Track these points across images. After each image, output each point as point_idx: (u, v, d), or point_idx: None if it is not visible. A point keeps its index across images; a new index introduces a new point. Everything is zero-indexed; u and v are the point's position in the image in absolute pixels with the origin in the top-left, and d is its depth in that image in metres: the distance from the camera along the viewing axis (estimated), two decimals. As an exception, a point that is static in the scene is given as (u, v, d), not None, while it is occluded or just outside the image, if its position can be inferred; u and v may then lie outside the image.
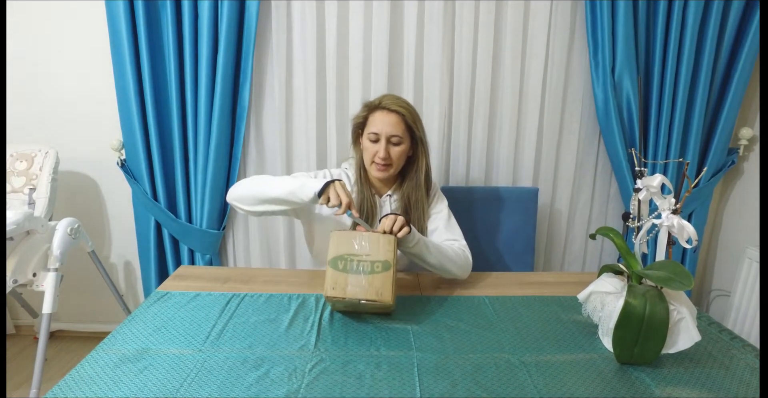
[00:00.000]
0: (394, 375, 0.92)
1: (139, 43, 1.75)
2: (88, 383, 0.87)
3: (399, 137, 1.32)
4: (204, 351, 0.99)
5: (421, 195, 1.41)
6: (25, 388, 1.88)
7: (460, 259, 1.33)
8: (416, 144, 1.38)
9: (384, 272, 1.07)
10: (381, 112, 1.33)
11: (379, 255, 1.08)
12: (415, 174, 1.41)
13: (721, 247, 2.14)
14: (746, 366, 0.97)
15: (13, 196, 1.76)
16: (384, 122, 1.31)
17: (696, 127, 1.86)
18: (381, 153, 1.31)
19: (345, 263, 1.07)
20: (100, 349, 0.98)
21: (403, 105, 1.33)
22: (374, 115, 1.34)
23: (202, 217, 1.92)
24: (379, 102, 1.34)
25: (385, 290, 1.05)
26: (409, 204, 1.40)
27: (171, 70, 1.79)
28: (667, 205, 0.99)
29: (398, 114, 1.32)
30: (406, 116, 1.32)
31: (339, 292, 1.05)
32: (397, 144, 1.34)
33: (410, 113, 1.33)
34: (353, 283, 1.06)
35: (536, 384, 0.90)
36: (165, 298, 1.23)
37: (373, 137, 1.33)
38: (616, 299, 1.00)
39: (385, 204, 1.44)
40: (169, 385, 0.87)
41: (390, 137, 1.32)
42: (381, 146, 1.32)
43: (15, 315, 2.29)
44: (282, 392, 0.86)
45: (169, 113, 1.85)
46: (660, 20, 1.75)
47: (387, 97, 1.34)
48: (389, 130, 1.31)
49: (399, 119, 1.32)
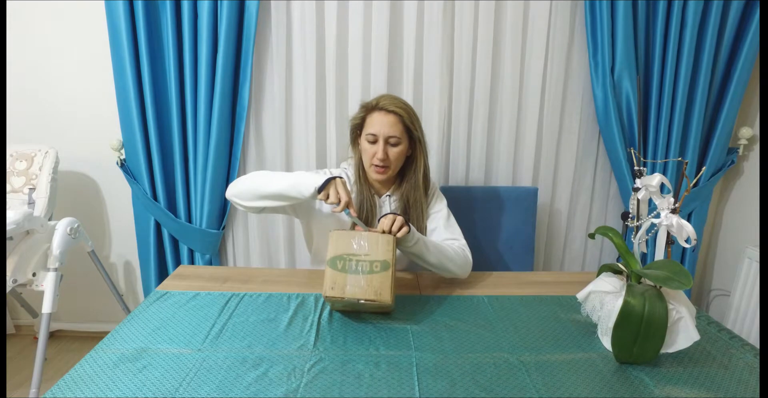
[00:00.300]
0: (392, 375, 0.92)
1: (139, 43, 1.75)
2: (87, 382, 0.88)
3: (397, 138, 1.32)
4: (203, 350, 0.99)
5: (420, 195, 1.40)
6: (25, 388, 1.89)
7: (460, 258, 1.34)
8: (415, 144, 1.38)
9: (383, 272, 1.07)
10: (378, 113, 1.32)
11: (378, 255, 1.08)
12: (413, 174, 1.40)
13: (721, 246, 2.14)
14: (745, 366, 0.97)
15: (13, 196, 1.77)
16: (381, 123, 1.31)
17: (696, 126, 1.86)
18: (379, 154, 1.31)
19: (344, 262, 1.07)
20: (99, 349, 0.99)
21: (401, 105, 1.32)
22: (372, 116, 1.33)
23: (202, 217, 1.92)
24: (376, 103, 1.33)
25: (384, 290, 1.05)
26: (408, 204, 1.40)
27: (171, 70, 1.79)
28: (666, 204, 0.99)
29: (396, 115, 1.31)
30: (403, 117, 1.31)
31: (338, 292, 1.05)
32: (395, 145, 1.33)
33: (408, 114, 1.33)
34: (352, 283, 1.06)
35: (535, 384, 0.90)
36: (164, 298, 1.23)
37: (371, 138, 1.32)
38: (615, 298, 1.00)
39: (384, 204, 1.44)
40: (168, 384, 0.88)
41: (388, 138, 1.31)
42: (379, 147, 1.31)
43: (15, 314, 2.29)
44: (281, 391, 0.86)
45: (168, 113, 1.85)
46: (659, 20, 1.75)
47: (384, 98, 1.33)
48: (387, 131, 1.30)
49: (397, 120, 1.31)
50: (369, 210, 1.39)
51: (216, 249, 2.02)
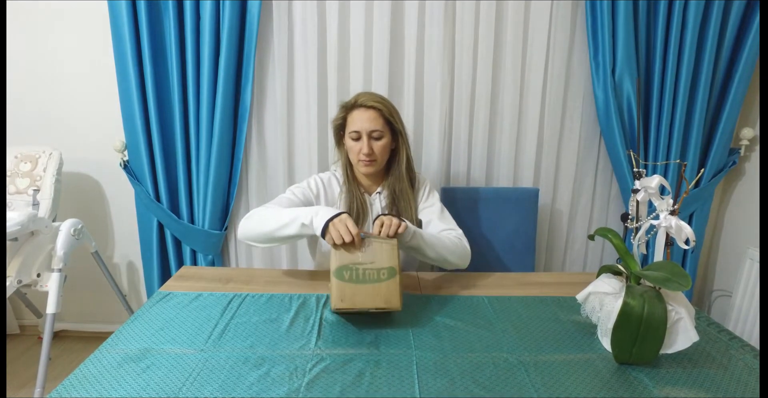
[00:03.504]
0: (393, 374, 0.93)
1: (142, 45, 1.77)
2: (92, 382, 0.88)
3: (380, 132, 1.36)
4: (206, 350, 1.00)
5: (405, 186, 1.44)
6: (29, 387, 1.90)
7: (458, 248, 1.35)
8: (397, 137, 1.42)
9: (390, 279, 1.07)
10: (358, 110, 1.37)
11: (383, 262, 1.08)
12: (397, 166, 1.44)
13: (723, 247, 2.14)
14: (744, 367, 0.97)
15: (17, 197, 1.78)
16: (362, 119, 1.35)
17: (697, 127, 1.86)
18: (364, 149, 1.35)
19: (350, 272, 1.07)
20: (103, 349, 0.99)
21: (379, 100, 1.37)
22: (352, 114, 1.38)
23: (204, 218, 1.93)
24: (355, 101, 1.38)
25: (393, 297, 1.06)
26: (395, 195, 1.44)
27: (173, 71, 1.80)
28: (665, 206, 1.00)
29: (375, 109, 1.35)
30: (383, 110, 1.36)
31: (348, 303, 1.05)
32: (378, 138, 1.37)
33: (386, 107, 1.37)
34: (361, 292, 1.05)
35: (534, 384, 0.90)
36: (167, 298, 1.24)
37: (355, 135, 1.37)
38: (614, 299, 1.00)
39: (375, 202, 1.46)
40: (171, 384, 0.88)
41: (371, 133, 1.35)
42: (363, 142, 1.35)
43: (20, 314, 2.31)
44: (283, 391, 0.87)
45: (171, 114, 1.86)
46: (660, 20, 1.75)
47: (362, 95, 1.38)
48: (369, 126, 1.35)
49: (377, 114, 1.36)
50: (360, 209, 1.42)
51: (218, 250, 2.03)
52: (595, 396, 0.87)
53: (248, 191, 2.01)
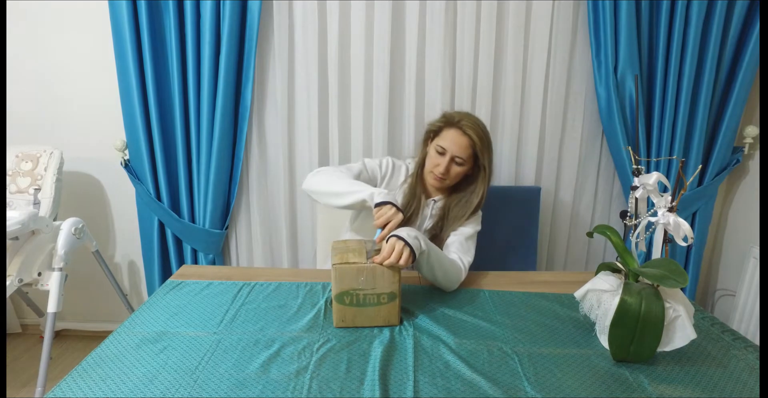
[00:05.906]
0: (393, 354, 0.99)
1: (142, 44, 1.77)
2: (114, 360, 0.95)
3: (463, 160, 1.36)
4: (219, 333, 1.06)
5: (463, 214, 1.42)
6: (31, 386, 1.91)
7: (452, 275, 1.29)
8: (478, 169, 1.42)
9: (390, 303, 1.09)
10: (456, 130, 1.36)
11: (384, 287, 1.08)
12: (468, 195, 1.44)
13: (726, 246, 2.12)
14: (745, 366, 0.96)
15: (18, 196, 1.79)
16: (454, 142, 1.35)
17: (700, 125, 1.84)
18: (441, 168, 1.36)
19: (351, 298, 1.08)
20: (121, 331, 1.05)
21: (479, 132, 1.35)
22: (449, 130, 1.38)
23: (205, 217, 1.93)
24: (458, 120, 1.36)
25: (393, 317, 1.10)
26: (447, 216, 1.44)
27: (174, 71, 1.81)
28: (664, 203, 0.99)
29: (470, 139, 1.35)
30: (476, 145, 1.35)
31: (348, 323, 1.10)
32: (459, 165, 1.38)
33: (481, 142, 1.36)
34: (361, 314, 1.09)
35: (526, 373, 0.93)
36: (179, 287, 1.29)
37: (441, 149, 1.37)
38: (612, 297, 0.99)
39: (428, 206, 1.46)
40: (188, 363, 0.95)
41: (454, 157, 1.35)
42: (444, 161, 1.36)
43: (21, 314, 2.32)
44: (293, 368, 0.94)
45: (172, 114, 1.87)
46: (663, 18, 1.74)
47: (467, 118, 1.37)
48: (456, 150, 1.35)
49: (469, 144, 1.35)
50: (416, 208, 1.43)
51: (219, 249, 2.03)
52: (590, 390, 0.88)
53: (249, 190, 2.01)
